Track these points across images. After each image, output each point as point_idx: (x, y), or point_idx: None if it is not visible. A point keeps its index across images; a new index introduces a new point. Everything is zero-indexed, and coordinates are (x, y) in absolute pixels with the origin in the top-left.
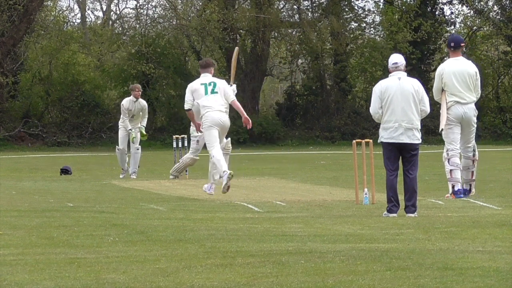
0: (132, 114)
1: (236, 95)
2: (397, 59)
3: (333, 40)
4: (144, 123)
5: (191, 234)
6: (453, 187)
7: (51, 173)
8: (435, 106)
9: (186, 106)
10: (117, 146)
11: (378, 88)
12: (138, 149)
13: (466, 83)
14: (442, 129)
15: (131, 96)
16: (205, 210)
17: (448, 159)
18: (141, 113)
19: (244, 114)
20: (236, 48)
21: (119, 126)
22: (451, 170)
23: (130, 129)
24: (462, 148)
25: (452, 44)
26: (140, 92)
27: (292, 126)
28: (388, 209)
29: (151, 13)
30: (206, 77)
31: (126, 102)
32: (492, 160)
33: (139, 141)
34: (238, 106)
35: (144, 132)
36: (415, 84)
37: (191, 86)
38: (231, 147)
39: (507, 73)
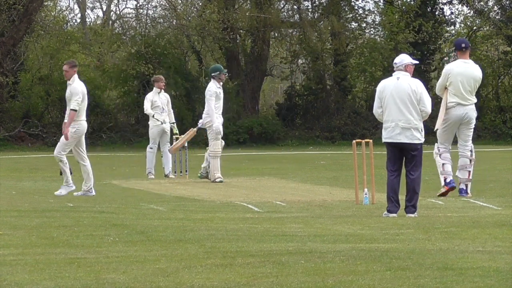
0: (162, 108)
1: (237, 96)
2: (397, 59)
3: (334, 40)
4: (173, 118)
5: (191, 234)
6: (445, 179)
7: (51, 173)
8: (436, 106)
9: (77, 107)
10: (149, 146)
11: (378, 88)
12: (151, 148)
13: (471, 86)
14: (437, 129)
15: (154, 88)
16: (205, 210)
17: (440, 154)
18: (166, 107)
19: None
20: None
21: (151, 125)
22: (443, 164)
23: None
24: (460, 147)
25: (463, 45)
26: (164, 84)
27: (292, 126)
28: (388, 209)
29: (151, 13)
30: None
31: (150, 94)
32: (492, 160)
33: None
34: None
35: (175, 130)
36: (412, 84)
37: (83, 90)
38: (220, 151)
39: (507, 73)
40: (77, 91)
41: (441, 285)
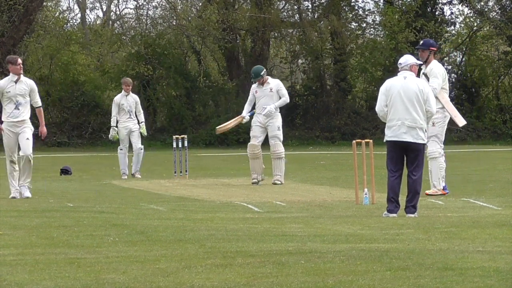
0: (128, 111)
1: (237, 96)
2: (401, 59)
3: (334, 39)
4: (142, 118)
5: (191, 234)
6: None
7: (51, 173)
8: None
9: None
10: (119, 147)
11: (384, 87)
12: (141, 149)
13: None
14: (464, 124)
15: (123, 91)
16: (205, 210)
17: (435, 158)
18: (134, 109)
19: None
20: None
21: (119, 127)
22: (441, 169)
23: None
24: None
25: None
26: (130, 87)
27: (292, 126)
28: (388, 210)
29: (151, 13)
30: None
31: (118, 97)
32: (492, 160)
33: (140, 140)
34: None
35: (145, 131)
36: (420, 84)
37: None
38: (280, 151)
39: (507, 73)
40: (36, 88)
41: (441, 285)
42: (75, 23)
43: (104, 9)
